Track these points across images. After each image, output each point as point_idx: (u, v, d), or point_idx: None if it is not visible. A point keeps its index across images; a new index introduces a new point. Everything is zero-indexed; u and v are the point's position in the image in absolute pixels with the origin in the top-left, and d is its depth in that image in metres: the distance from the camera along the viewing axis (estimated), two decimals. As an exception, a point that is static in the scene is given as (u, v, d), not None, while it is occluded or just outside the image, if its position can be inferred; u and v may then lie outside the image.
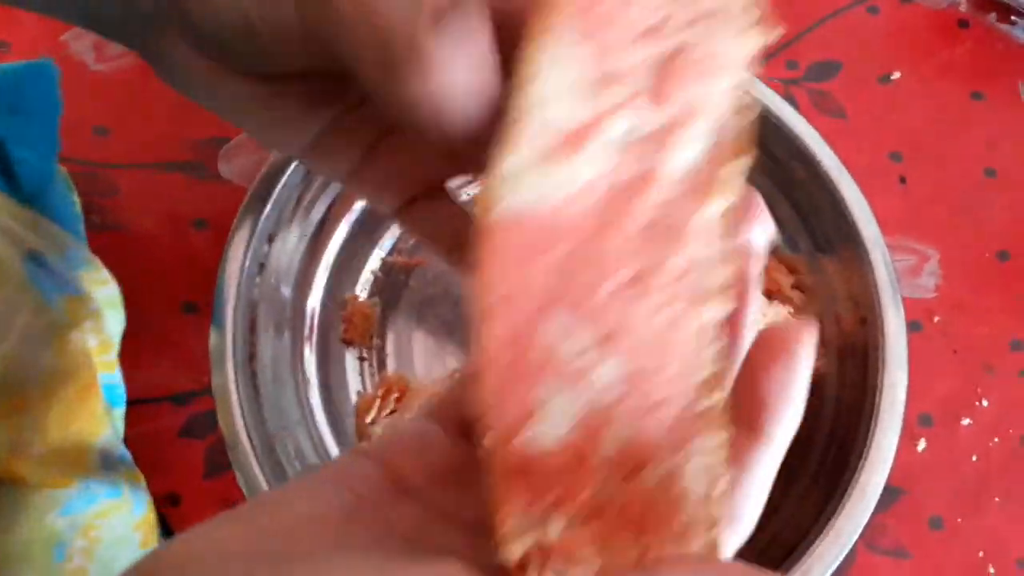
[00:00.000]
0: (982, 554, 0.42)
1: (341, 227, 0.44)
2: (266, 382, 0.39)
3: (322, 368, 0.43)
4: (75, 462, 0.33)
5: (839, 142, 0.44)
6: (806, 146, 0.43)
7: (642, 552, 0.17)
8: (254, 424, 0.37)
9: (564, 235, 0.17)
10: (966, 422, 0.44)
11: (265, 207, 0.40)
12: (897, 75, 0.52)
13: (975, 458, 0.44)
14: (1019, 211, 0.49)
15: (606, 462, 0.17)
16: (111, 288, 0.37)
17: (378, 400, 0.41)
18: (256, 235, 0.40)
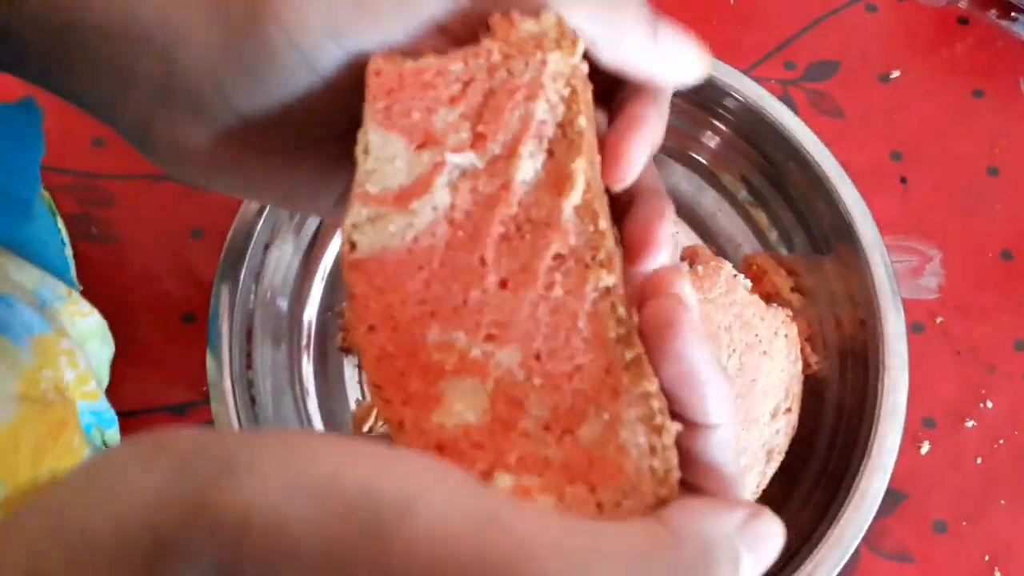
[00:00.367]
0: (987, 557, 0.41)
1: (336, 236, 0.44)
2: (264, 392, 0.39)
3: (320, 377, 0.43)
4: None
5: (838, 142, 0.44)
6: (803, 147, 0.43)
7: (599, 504, 0.19)
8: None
9: (422, 264, 0.20)
10: (970, 424, 0.44)
11: (260, 217, 0.40)
12: (896, 74, 0.52)
13: (979, 460, 0.43)
14: (1022, 210, 0.49)
15: (537, 427, 0.19)
16: (93, 318, 0.37)
17: (375, 409, 0.41)
18: (252, 245, 0.40)
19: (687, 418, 0.19)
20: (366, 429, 0.41)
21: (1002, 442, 0.44)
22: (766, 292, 0.44)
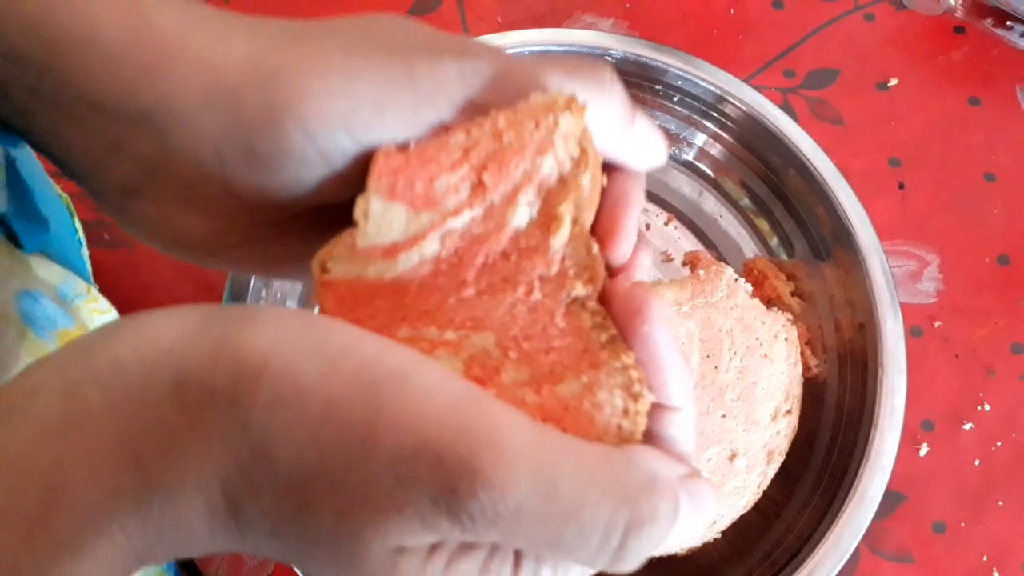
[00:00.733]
0: (986, 558, 0.42)
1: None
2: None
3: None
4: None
5: (838, 149, 0.45)
6: (802, 154, 0.43)
7: None
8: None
9: (397, 290, 0.21)
10: (968, 426, 0.44)
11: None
12: (894, 81, 0.53)
13: (978, 462, 0.44)
14: (1019, 215, 0.49)
15: (515, 384, 0.20)
16: (111, 316, 0.38)
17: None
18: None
19: (655, 399, 0.21)
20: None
21: (1000, 444, 0.44)
22: (767, 296, 0.44)
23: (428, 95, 0.21)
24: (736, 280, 0.41)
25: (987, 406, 0.45)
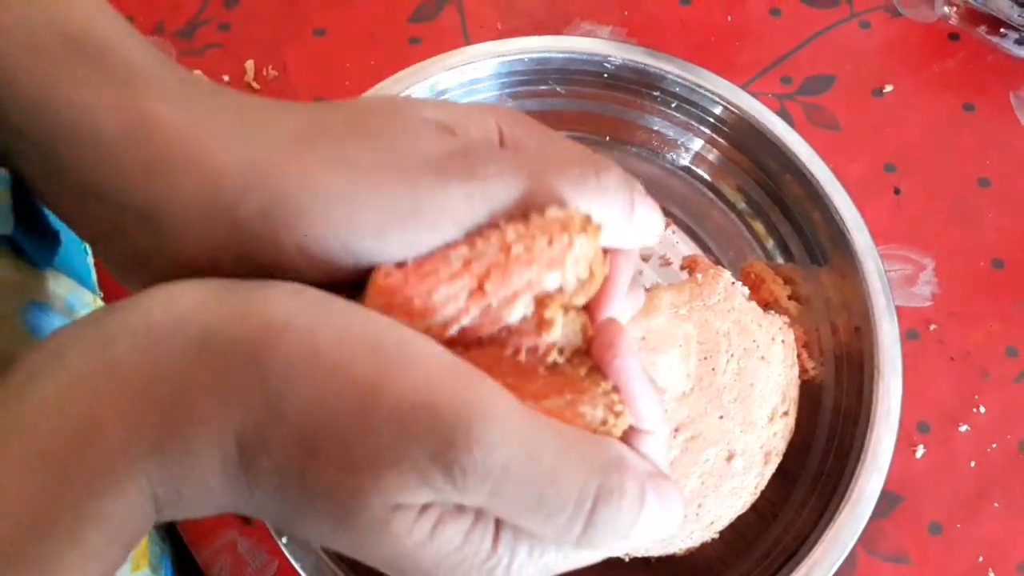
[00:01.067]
0: (982, 559, 0.42)
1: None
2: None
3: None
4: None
5: (834, 154, 0.45)
6: (799, 159, 0.44)
7: None
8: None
9: None
10: (964, 428, 0.45)
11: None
12: (890, 88, 0.53)
13: (973, 464, 0.44)
14: (1013, 219, 0.50)
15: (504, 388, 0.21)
16: None
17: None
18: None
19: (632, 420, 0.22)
20: None
21: (995, 446, 0.45)
22: (764, 300, 0.45)
23: (433, 223, 0.21)
24: (733, 283, 0.42)
25: (982, 408, 0.45)
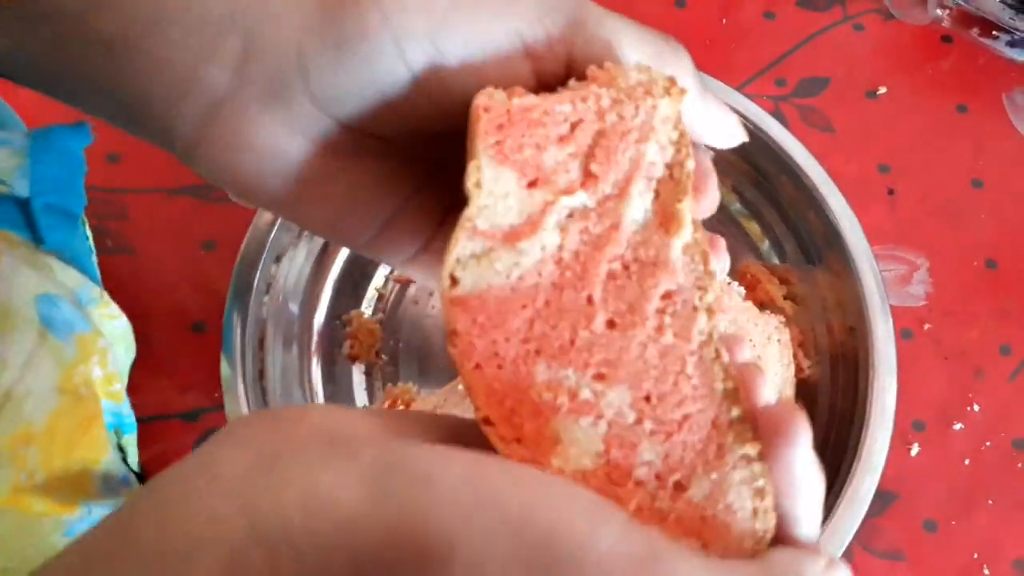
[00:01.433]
0: (976, 555, 0.43)
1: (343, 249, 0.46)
2: (275, 397, 0.41)
3: (328, 382, 0.44)
4: (77, 488, 0.35)
5: (828, 156, 0.46)
6: (794, 160, 0.44)
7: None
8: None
9: (526, 302, 0.21)
10: (958, 427, 0.45)
11: (272, 228, 0.41)
12: (883, 90, 0.54)
13: (967, 462, 0.45)
14: (1006, 220, 0.50)
15: (650, 479, 0.20)
16: (121, 322, 0.39)
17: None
18: (264, 256, 0.41)
19: (780, 512, 0.20)
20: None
21: (989, 444, 0.45)
22: (760, 300, 0.45)
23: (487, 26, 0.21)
24: (729, 283, 0.42)
25: (976, 407, 0.46)
